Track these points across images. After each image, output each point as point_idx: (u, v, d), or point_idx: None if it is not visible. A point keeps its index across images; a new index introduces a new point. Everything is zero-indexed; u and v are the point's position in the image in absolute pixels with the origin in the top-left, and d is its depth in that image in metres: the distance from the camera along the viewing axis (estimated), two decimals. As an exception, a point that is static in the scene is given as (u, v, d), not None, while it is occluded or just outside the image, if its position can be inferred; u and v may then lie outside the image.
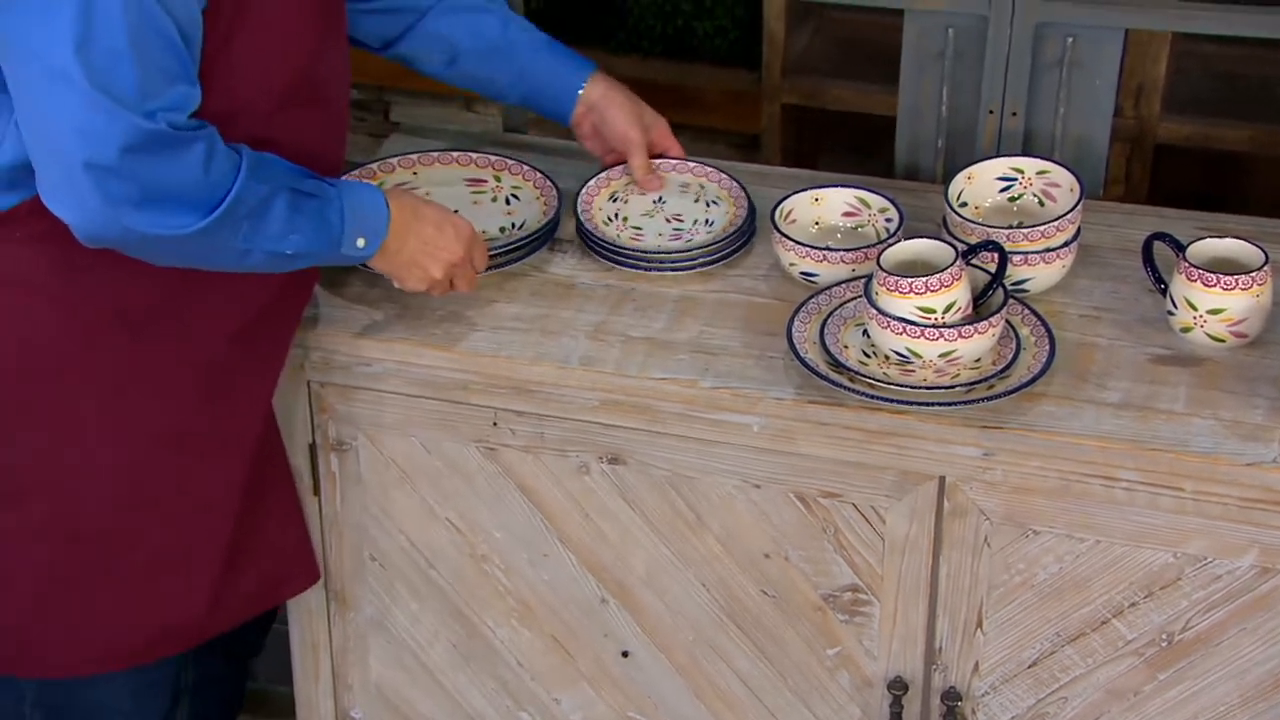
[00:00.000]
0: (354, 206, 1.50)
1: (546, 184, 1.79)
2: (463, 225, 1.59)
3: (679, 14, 2.57)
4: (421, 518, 1.73)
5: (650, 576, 1.69)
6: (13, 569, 1.55)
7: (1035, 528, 1.56)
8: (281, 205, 1.44)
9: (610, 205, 1.79)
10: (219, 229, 1.40)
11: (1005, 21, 1.83)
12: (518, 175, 1.81)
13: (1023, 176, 1.75)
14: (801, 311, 1.62)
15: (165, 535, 1.58)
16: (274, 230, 1.44)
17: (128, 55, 1.32)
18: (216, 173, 1.39)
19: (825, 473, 1.58)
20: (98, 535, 1.55)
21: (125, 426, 1.53)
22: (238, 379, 1.58)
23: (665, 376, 1.58)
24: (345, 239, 1.50)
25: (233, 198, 1.40)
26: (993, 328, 1.53)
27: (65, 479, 1.53)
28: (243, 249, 1.44)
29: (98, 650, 1.60)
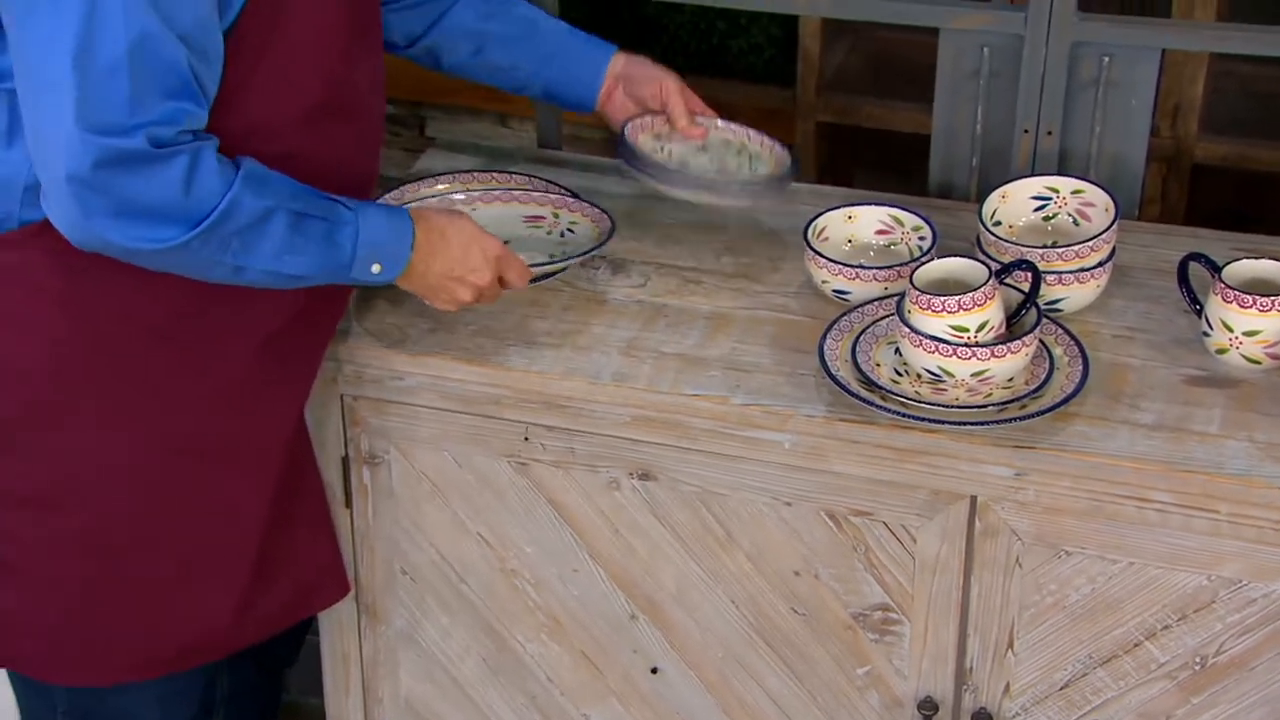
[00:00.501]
0: (371, 231, 1.48)
1: (603, 218, 1.78)
2: (490, 246, 1.57)
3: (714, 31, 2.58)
4: (452, 531, 1.74)
5: (680, 593, 1.70)
6: (46, 577, 1.57)
7: (1067, 548, 1.55)
8: (280, 224, 1.43)
9: (653, 143, 1.79)
10: (203, 245, 1.40)
11: (1041, 40, 1.83)
12: (576, 212, 1.80)
13: (1057, 196, 1.74)
14: (834, 329, 1.63)
15: (193, 545, 1.60)
16: (269, 249, 1.43)
17: (123, 71, 1.32)
18: (201, 188, 1.38)
19: (856, 491, 1.59)
20: (128, 545, 1.57)
21: (153, 436, 1.54)
22: (267, 389, 1.59)
23: (697, 393, 1.59)
24: (357, 264, 1.49)
25: (218, 214, 1.39)
26: (1026, 347, 1.53)
27: (96, 489, 1.54)
28: (235, 265, 1.43)
29: (128, 659, 1.61)
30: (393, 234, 1.51)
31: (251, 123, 1.45)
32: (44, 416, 1.51)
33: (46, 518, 1.54)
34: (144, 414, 1.53)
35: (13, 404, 1.50)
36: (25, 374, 1.49)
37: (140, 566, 1.58)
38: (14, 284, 1.47)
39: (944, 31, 1.88)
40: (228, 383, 1.56)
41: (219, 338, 1.54)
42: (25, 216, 1.45)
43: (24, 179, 1.43)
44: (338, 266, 1.48)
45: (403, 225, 1.52)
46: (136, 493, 1.55)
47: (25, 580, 1.56)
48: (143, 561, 1.58)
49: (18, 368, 1.49)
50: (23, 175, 1.43)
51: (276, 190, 1.44)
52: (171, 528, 1.58)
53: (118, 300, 1.48)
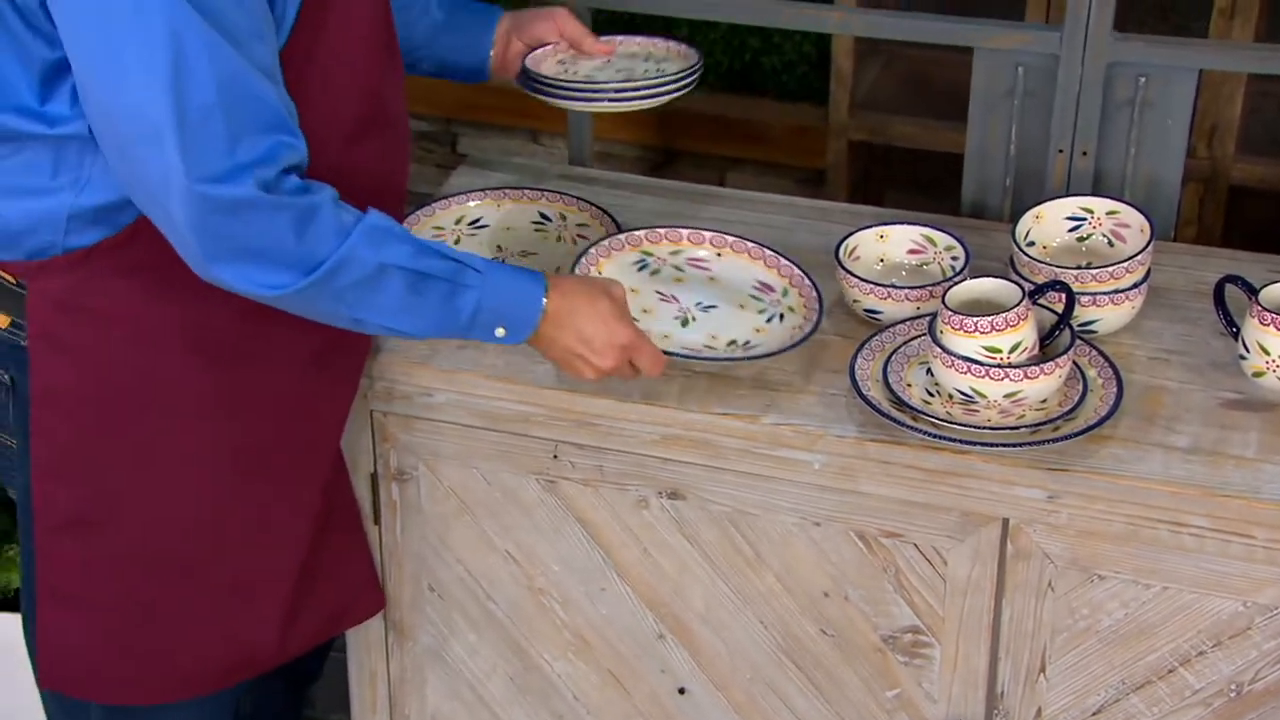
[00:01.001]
0: (496, 296, 1.46)
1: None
2: (620, 333, 1.50)
3: (746, 48, 2.59)
4: (480, 549, 1.74)
5: (708, 613, 1.69)
6: (92, 595, 1.57)
7: (1101, 572, 1.55)
8: (397, 283, 1.42)
9: (558, 67, 1.75)
10: (317, 294, 1.40)
11: (1077, 60, 1.83)
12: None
13: (1092, 216, 1.74)
14: (865, 349, 1.63)
15: (240, 562, 1.60)
16: (387, 306, 1.42)
17: (218, 117, 1.32)
18: (314, 238, 1.38)
19: (887, 512, 1.58)
20: (175, 562, 1.58)
21: (205, 453, 1.55)
22: (314, 404, 1.60)
23: (726, 412, 1.59)
24: (477, 328, 1.47)
25: (330, 265, 1.39)
26: (1059, 368, 1.53)
27: (145, 506, 1.55)
28: (353, 317, 1.43)
29: (174, 677, 1.62)
30: (521, 299, 1.48)
31: None
32: (92, 439, 1.52)
33: (93, 538, 1.55)
34: (194, 432, 1.54)
35: (62, 429, 1.51)
36: (73, 399, 1.50)
37: (187, 585, 1.59)
38: (60, 310, 1.48)
39: (978, 50, 1.88)
40: (274, 399, 1.57)
41: (264, 355, 1.55)
42: (69, 244, 1.46)
43: (68, 210, 1.44)
44: (457, 328, 1.47)
45: (533, 291, 1.48)
46: (183, 511, 1.56)
47: (72, 602, 1.57)
48: (189, 580, 1.59)
49: (66, 393, 1.50)
50: (66, 207, 1.44)
51: (398, 248, 1.42)
52: (218, 545, 1.59)
53: (164, 322, 1.49)
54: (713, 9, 1.97)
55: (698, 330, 1.63)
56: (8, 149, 1.44)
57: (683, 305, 1.65)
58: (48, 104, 1.40)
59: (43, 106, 1.40)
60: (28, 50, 1.38)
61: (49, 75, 1.39)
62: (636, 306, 1.64)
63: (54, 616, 1.57)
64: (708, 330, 1.63)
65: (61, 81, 1.39)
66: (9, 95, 1.41)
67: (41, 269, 1.47)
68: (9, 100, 1.41)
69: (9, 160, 1.44)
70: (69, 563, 1.55)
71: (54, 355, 1.49)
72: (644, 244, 1.71)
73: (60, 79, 1.39)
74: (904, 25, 1.94)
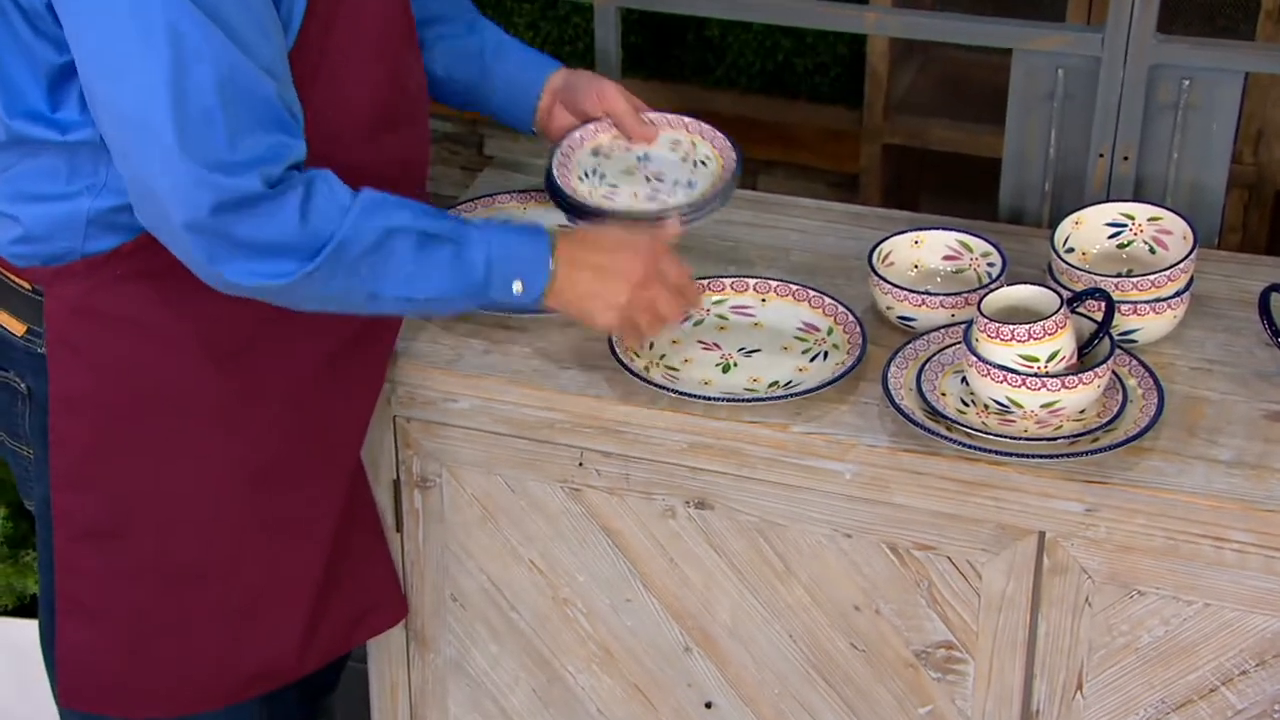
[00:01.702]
0: (503, 247, 1.47)
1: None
2: (642, 241, 1.50)
3: (779, 49, 2.59)
4: (504, 558, 1.74)
5: (736, 625, 1.69)
6: (111, 607, 1.58)
7: (1140, 588, 1.53)
8: (405, 247, 1.43)
9: (591, 159, 1.71)
10: (330, 275, 1.41)
11: (1119, 63, 1.82)
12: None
13: (1133, 223, 1.73)
14: (898, 357, 1.62)
15: (260, 570, 1.61)
16: (400, 274, 1.43)
17: (218, 114, 1.33)
18: (317, 217, 1.39)
19: (919, 524, 1.57)
20: (195, 571, 1.58)
21: (222, 461, 1.55)
22: (334, 408, 1.60)
23: (756, 420, 1.58)
24: (494, 284, 1.47)
25: (337, 242, 1.40)
26: (1098, 378, 1.52)
27: (164, 514, 1.55)
28: (369, 292, 1.44)
29: (194, 690, 1.62)
30: (529, 246, 1.48)
31: (312, 137, 1.46)
32: (110, 447, 1.53)
33: (113, 549, 1.55)
34: (214, 438, 1.54)
35: (80, 437, 1.52)
36: (91, 406, 1.51)
37: (206, 594, 1.59)
38: (77, 316, 1.49)
39: (1017, 52, 1.87)
40: (295, 403, 1.57)
41: (284, 360, 1.55)
42: (88, 249, 1.46)
43: (86, 214, 1.45)
44: (473, 287, 1.47)
45: (538, 237, 1.49)
46: (205, 519, 1.57)
47: (91, 616, 1.57)
48: (209, 589, 1.59)
49: (84, 400, 1.51)
50: (84, 210, 1.45)
51: (398, 213, 1.43)
52: (238, 553, 1.59)
53: (182, 327, 1.50)
54: (745, 9, 1.97)
55: (739, 374, 1.62)
56: (23, 154, 1.44)
57: (724, 352, 1.65)
58: (59, 110, 1.41)
59: (54, 113, 1.41)
60: (35, 55, 1.39)
61: (57, 80, 1.40)
62: (678, 357, 1.64)
63: (74, 632, 1.58)
64: (749, 374, 1.62)
65: (70, 86, 1.40)
66: (21, 101, 1.41)
67: (58, 275, 1.47)
68: (21, 106, 1.41)
69: (24, 165, 1.45)
70: (89, 574, 1.56)
71: (72, 362, 1.50)
72: None
73: (68, 84, 1.40)
74: (941, 26, 1.93)
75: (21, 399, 1.55)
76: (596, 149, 1.72)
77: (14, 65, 1.40)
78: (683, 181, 1.71)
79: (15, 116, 1.42)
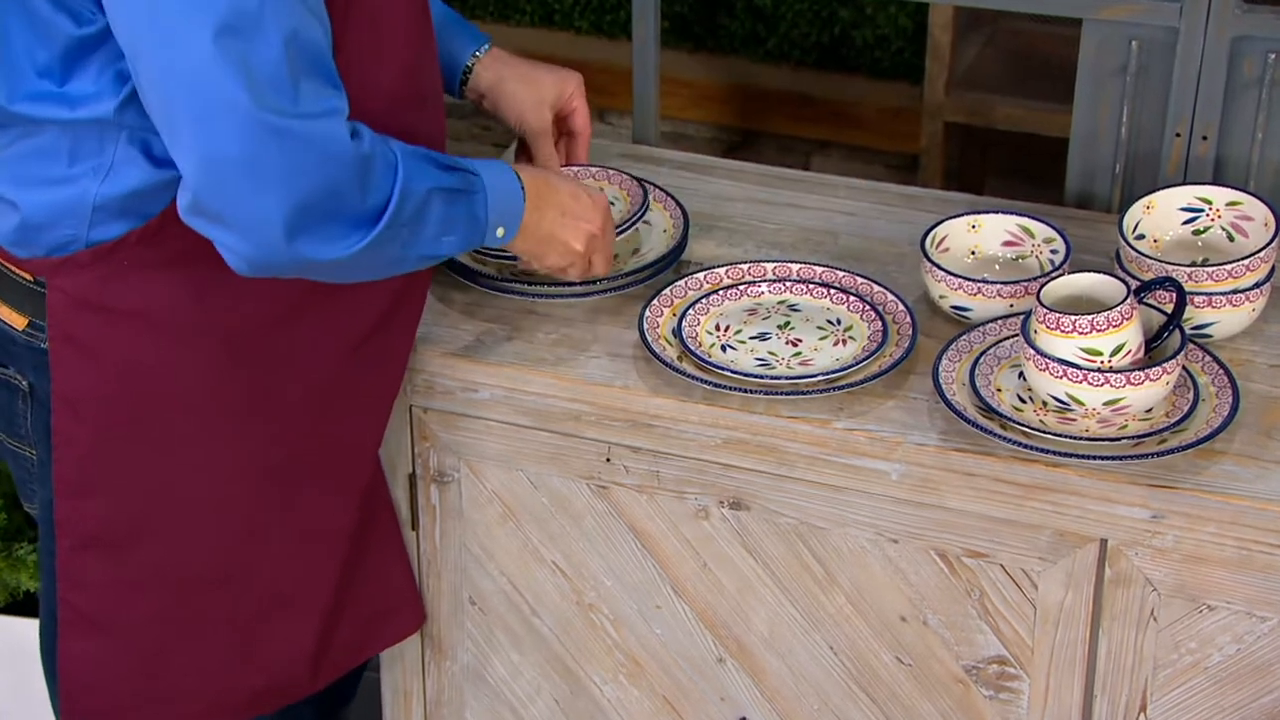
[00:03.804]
0: (494, 192, 1.52)
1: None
2: (598, 194, 1.62)
3: (836, 20, 2.59)
4: (525, 559, 1.75)
5: (773, 635, 1.69)
6: (117, 618, 1.59)
7: (1210, 602, 1.53)
8: (438, 206, 1.47)
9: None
10: (386, 240, 1.43)
11: (1198, 34, 1.81)
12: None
13: (1210, 208, 1.72)
14: (950, 349, 1.62)
15: (274, 578, 1.62)
16: (430, 233, 1.48)
17: (284, 67, 1.34)
18: (375, 182, 1.42)
19: (971, 529, 1.57)
20: (205, 580, 1.59)
21: (237, 460, 1.56)
22: (353, 401, 1.62)
23: (795, 415, 1.58)
24: (489, 231, 1.54)
25: (394, 205, 1.43)
26: (1167, 374, 1.51)
27: (175, 520, 1.56)
28: (399, 256, 1.47)
29: (204, 705, 1.64)
30: (508, 191, 1.55)
31: None
32: (116, 451, 1.53)
33: (121, 558, 1.57)
34: (227, 437, 1.55)
35: (82, 441, 1.53)
36: (97, 405, 1.52)
37: (220, 605, 1.61)
38: (82, 309, 1.49)
39: (1088, 22, 1.86)
40: (313, 397, 1.58)
41: (305, 347, 1.56)
42: (94, 238, 1.47)
43: (93, 199, 1.45)
44: (478, 237, 1.53)
45: (513, 181, 1.55)
46: (218, 523, 1.58)
47: (97, 628, 1.59)
48: (222, 600, 1.61)
49: (89, 398, 1.52)
50: (91, 196, 1.45)
51: (428, 170, 1.47)
52: (253, 559, 1.61)
53: (194, 321, 1.51)
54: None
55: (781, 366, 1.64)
56: (19, 134, 1.45)
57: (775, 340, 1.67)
58: (69, 84, 1.42)
59: (63, 87, 1.42)
60: (49, 27, 1.40)
61: (73, 53, 1.41)
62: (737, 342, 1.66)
63: (77, 644, 1.59)
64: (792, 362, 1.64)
65: (86, 59, 1.41)
66: (25, 82, 1.42)
67: (62, 265, 1.48)
68: (24, 88, 1.43)
69: (21, 146, 1.46)
70: (93, 584, 1.57)
71: (76, 358, 1.50)
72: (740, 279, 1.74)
73: (86, 56, 1.41)
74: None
75: (23, 397, 1.56)
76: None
77: (21, 43, 1.42)
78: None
79: (16, 100, 1.43)
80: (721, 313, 1.69)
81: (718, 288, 1.71)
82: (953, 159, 2.50)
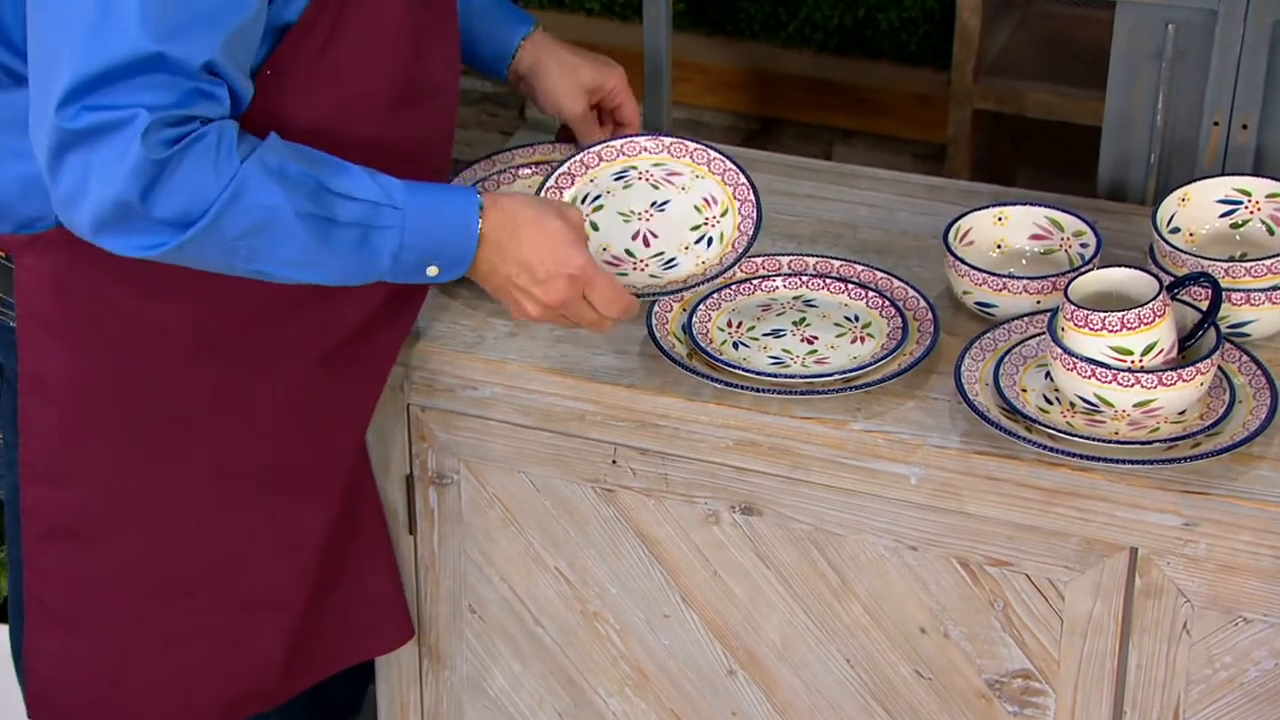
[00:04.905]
0: (422, 233, 1.45)
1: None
2: (572, 261, 1.50)
3: (860, 3, 2.58)
4: (528, 565, 1.75)
5: (786, 647, 1.69)
6: (84, 614, 1.60)
7: (1246, 614, 1.52)
8: (299, 232, 1.41)
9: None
10: (201, 248, 1.39)
11: (1238, 17, 1.80)
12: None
13: (1249, 200, 1.71)
14: (974, 348, 1.61)
15: (248, 579, 1.63)
16: (288, 257, 1.42)
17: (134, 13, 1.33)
18: (192, 185, 1.37)
19: (994, 536, 1.57)
20: (178, 581, 1.60)
21: (208, 458, 1.57)
22: (330, 405, 1.62)
23: (810, 416, 1.58)
24: (402, 270, 1.46)
25: (211, 216, 1.37)
26: (1201, 375, 1.50)
27: (144, 518, 1.57)
28: (251, 269, 1.43)
29: (176, 710, 1.65)
30: (454, 230, 1.47)
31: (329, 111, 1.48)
32: (87, 438, 1.54)
33: (90, 551, 1.58)
34: (198, 434, 1.56)
35: (51, 426, 1.54)
36: (66, 390, 1.53)
37: (190, 605, 1.61)
38: (52, 289, 1.50)
39: (1121, 5, 1.86)
40: (288, 398, 1.59)
41: (278, 350, 1.57)
42: None
43: None
44: (374, 272, 1.46)
45: (468, 219, 1.48)
46: (189, 522, 1.59)
47: (65, 623, 1.60)
48: (193, 600, 1.61)
49: (57, 382, 1.52)
50: None
51: (292, 191, 1.40)
52: (225, 560, 1.61)
53: (169, 308, 1.51)
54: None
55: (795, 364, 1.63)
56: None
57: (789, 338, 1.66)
58: None
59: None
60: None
61: None
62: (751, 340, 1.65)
63: (43, 639, 1.60)
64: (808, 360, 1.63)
65: None
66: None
67: (32, 243, 1.49)
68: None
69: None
70: (60, 577, 1.58)
71: (45, 339, 1.51)
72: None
73: None
74: (1036, -25, 1.93)
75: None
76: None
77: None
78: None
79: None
80: (734, 308, 1.69)
81: (730, 282, 1.71)
82: (981, 149, 2.49)
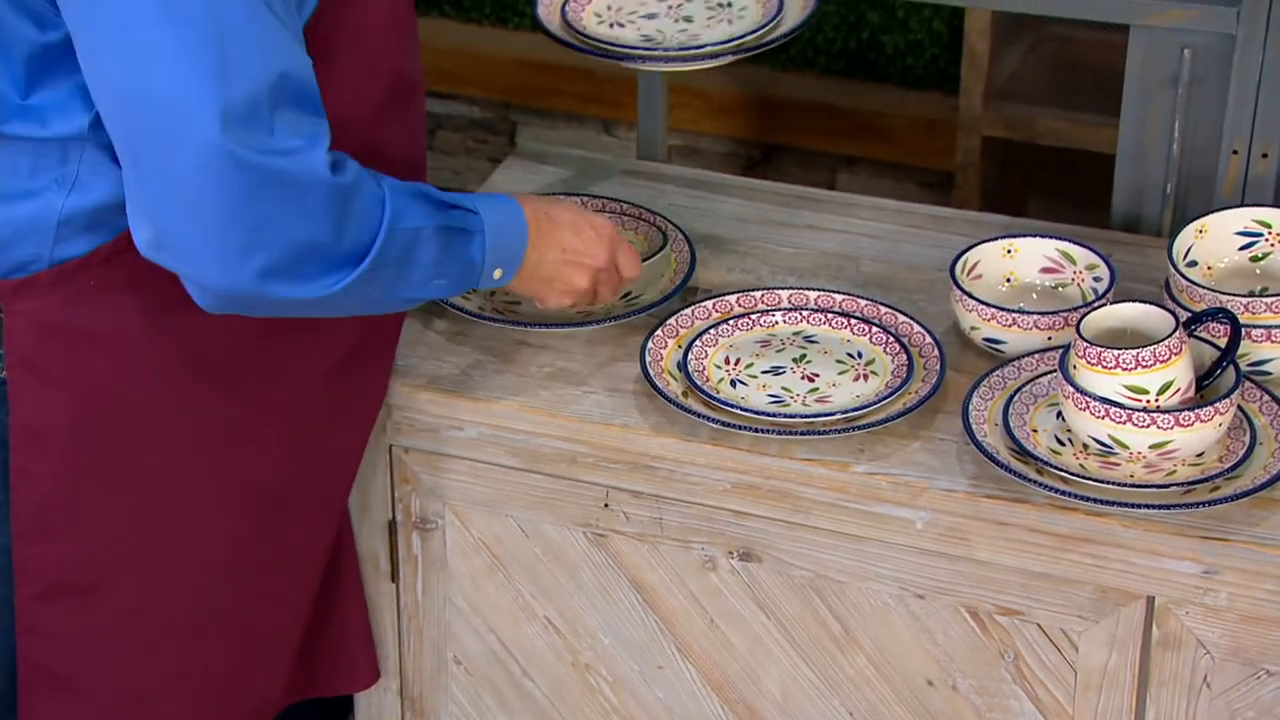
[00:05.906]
0: (496, 232, 1.54)
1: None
2: (603, 225, 1.64)
3: (865, 25, 2.59)
4: (515, 615, 1.75)
5: (786, 700, 1.69)
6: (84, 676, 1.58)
7: (1269, 667, 1.52)
8: (430, 247, 1.48)
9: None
10: (369, 281, 1.44)
11: (1257, 42, 1.81)
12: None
13: (1270, 232, 1.71)
14: (982, 386, 1.61)
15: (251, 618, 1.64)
16: (418, 277, 1.48)
17: (265, 96, 1.35)
18: (359, 218, 1.42)
19: (1004, 584, 1.57)
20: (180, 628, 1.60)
21: (215, 491, 1.57)
22: (330, 428, 1.63)
23: (811, 458, 1.58)
24: (485, 274, 1.55)
25: (380, 244, 1.43)
26: (1220, 415, 1.50)
27: (148, 560, 1.57)
28: (380, 298, 1.48)
29: None
30: (512, 231, 1.56)
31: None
32: (83, 487, 1.53)
33: (89, 605, 1.57)
34: (203, 469, 1.56)
35: (46, 476, 1.52)
36: (60, 438, 1.52)
37: (193, 652, 1.61)
38: (43, 334, 1.49)
39: (1135, 29, 1.87)
40: (289, 426, 1.60)
41: (281, 372, 1.58)
42: (58, 256, 1.47)
43: (58, 214, 1.45)
44: (470, 282, 1.55)
45: (517, 217, 1.57)
46: (194, 562, 1.59)
47: (61, 688, 1.59)
48: (196, 646, 1.61)
49: (52, 431, 1.52)
50: (56, 211, 1.45)
51: (422, 206, 1.47)
52: (229, 600, 1.62)
53: (166, 344, 1.51)
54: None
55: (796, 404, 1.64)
56: None
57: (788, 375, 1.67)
58: (33, 96, 1.42)
59: (26, 99, 1.43)
60: (10, 33, 1.41)
61: (36, 62, 1.41)
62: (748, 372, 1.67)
63: (41, 704, 1.59)
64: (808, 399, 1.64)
65: (53, 69, 1.41)
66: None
67: (21, 287, 1.48)
68: None
69: None
70: (58, 637, 1.57)
71: (37, 388, 1.50)
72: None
73: (52, 66, 1.41)
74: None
75: None
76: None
77: None
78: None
79: None
80: (731, 344, 1.69)
81: (728, 317, 1.71)
82: (991, 177, 2.50)
